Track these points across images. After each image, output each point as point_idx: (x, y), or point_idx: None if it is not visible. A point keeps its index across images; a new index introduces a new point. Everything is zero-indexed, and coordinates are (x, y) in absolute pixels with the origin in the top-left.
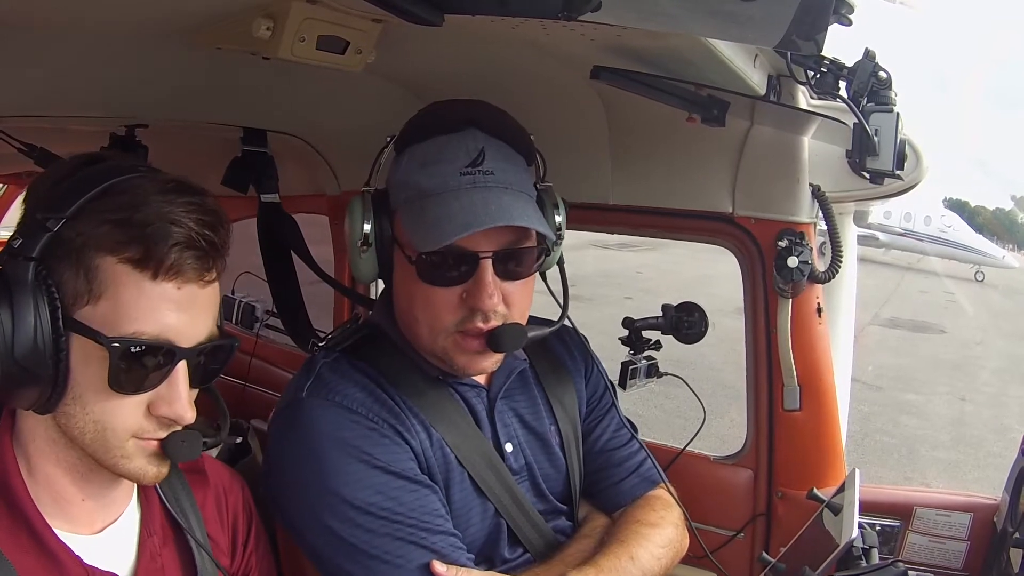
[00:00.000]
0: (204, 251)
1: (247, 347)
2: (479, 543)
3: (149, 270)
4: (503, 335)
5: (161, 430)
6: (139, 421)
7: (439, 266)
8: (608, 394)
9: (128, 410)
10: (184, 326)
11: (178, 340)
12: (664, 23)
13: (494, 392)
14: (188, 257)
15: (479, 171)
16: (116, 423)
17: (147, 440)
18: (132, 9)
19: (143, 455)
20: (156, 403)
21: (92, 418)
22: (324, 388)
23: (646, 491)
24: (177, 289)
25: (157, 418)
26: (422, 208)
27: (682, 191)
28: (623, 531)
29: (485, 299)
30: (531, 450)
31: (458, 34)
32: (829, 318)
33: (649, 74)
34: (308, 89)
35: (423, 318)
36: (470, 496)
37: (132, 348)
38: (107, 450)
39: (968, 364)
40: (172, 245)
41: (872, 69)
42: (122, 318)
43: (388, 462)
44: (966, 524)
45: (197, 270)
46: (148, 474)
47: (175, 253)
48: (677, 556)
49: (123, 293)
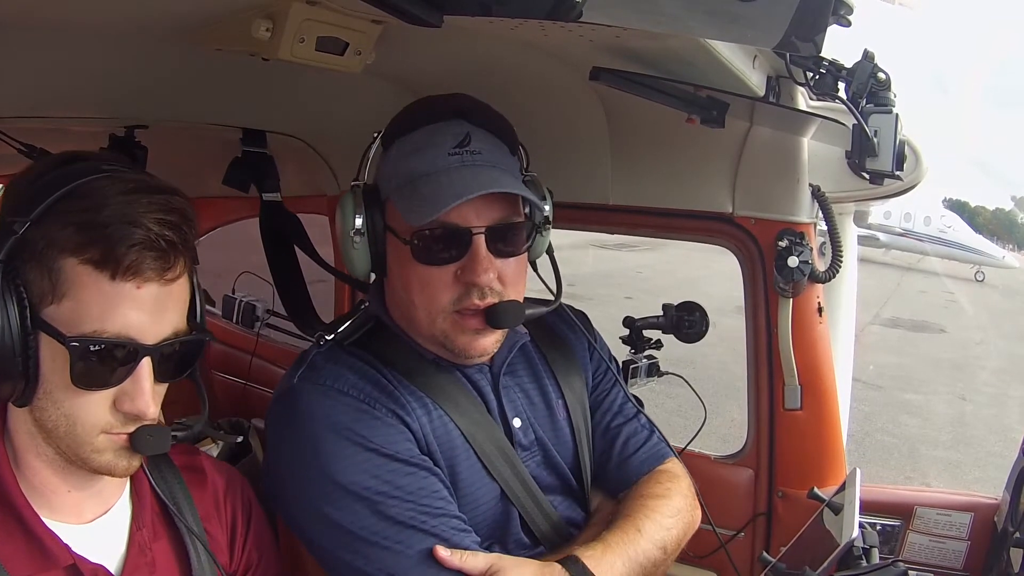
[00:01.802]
0: (163, 251)
1: (248, 346)
2: (488, 525)
3: (108, 271)
4: (501, 311)
5: (128, 425)
6: (106, 416)
7: (433, 245)
8: (611, 371)
9: (94, 406)
10: (146, 324)
11: (140, 337)
12: (663, 23)
13: (497, 367)
14: (147, 257)
15: (466, 151)
16: (84, 418)
17: (116, 435)
18: (132, 10)
19: (112, 449)
20: (120, 399)
21: (62, 412)
22: (316, 373)
23: (654, 466)
24: (137, 288)
25: (123, 413)
26: (413, 188)
27: (682, 191)
28: (629, 506)
29: (480, 273)
30: (540, 425)
31: (457, 35)
32: (830, 318)
33: (648, 75)
34: (307, 90)
35: (419, 301)
36: (478, 475)
37: (91, 347)
38: (78, 444)
39: (968, 364)
40: (130, 246)
41: (871, 70)
42: (83, 317)
43: (382, 444)
44: (967, 524)
45: (157, 270)
46: (118, 467)
47: (133, 254)
48: (689, 526)
49: (84, 293)
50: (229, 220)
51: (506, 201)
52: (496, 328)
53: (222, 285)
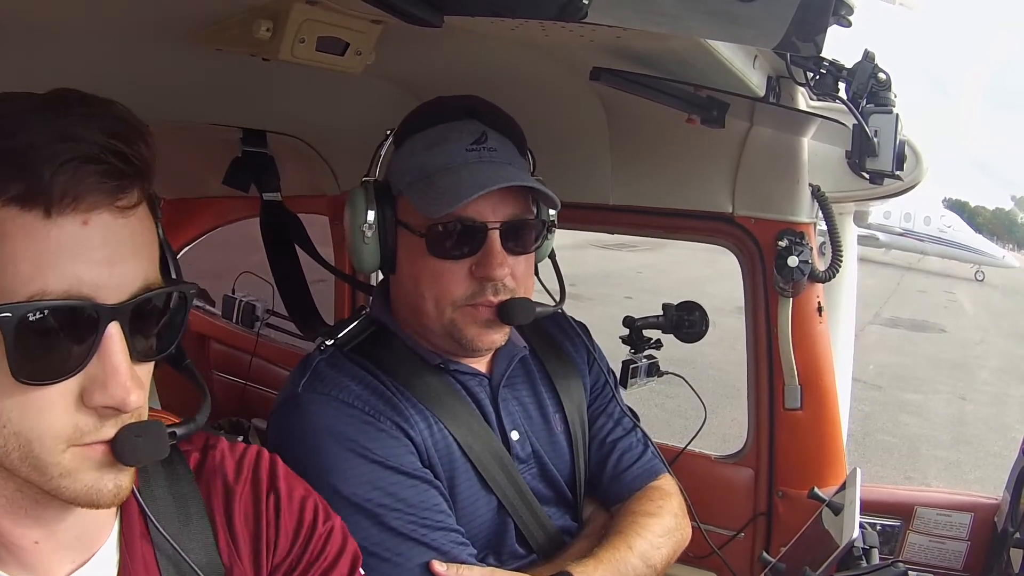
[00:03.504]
0: (112, 165)
1: (248, 346)
2: (484, 536)
3: (39, 206)
4: (513, 307)
5: (105, 427)
6: (71, 420)
7: (449, 239)
8: (609, 383)
9: (52, 408)
10: (104, 274)
11: (98, 295)
12: (663, 24)
13: (496, 380)
14: (88, 174)
15: (484, 148)
16: (41, 429)
17: (89, 445)
18: (132, 11)
19: (90, 468)
20: (88, 389)
21: (10, 429)
22: (320, 383)
23: (646, 483)
24: (84, 224)
25: (95, 410)
26: (429, 182)
27: (682, 191)
28: (621, 523)
29: (496, 268)
30: (537, 438)
31: (457, 35)
32: (830, 317)
33: (648, 75)
34: (308, 90)
35: (430, 293)
36: (476, 488)
37: (31, 316)
38: (41, 470)
39: (968, 363)
40: (62, 164)
41: (871, 70)
42: (14, 279)
43: (386, 456)
44: (967, 524)
45: (105, 191)
46: (104, 492)
47: (67, 172)
48: (679, 544)
49: (10, 245)
50: (229, 220)
51: (520, 199)
52: (508, 324)
53: (222, 285)
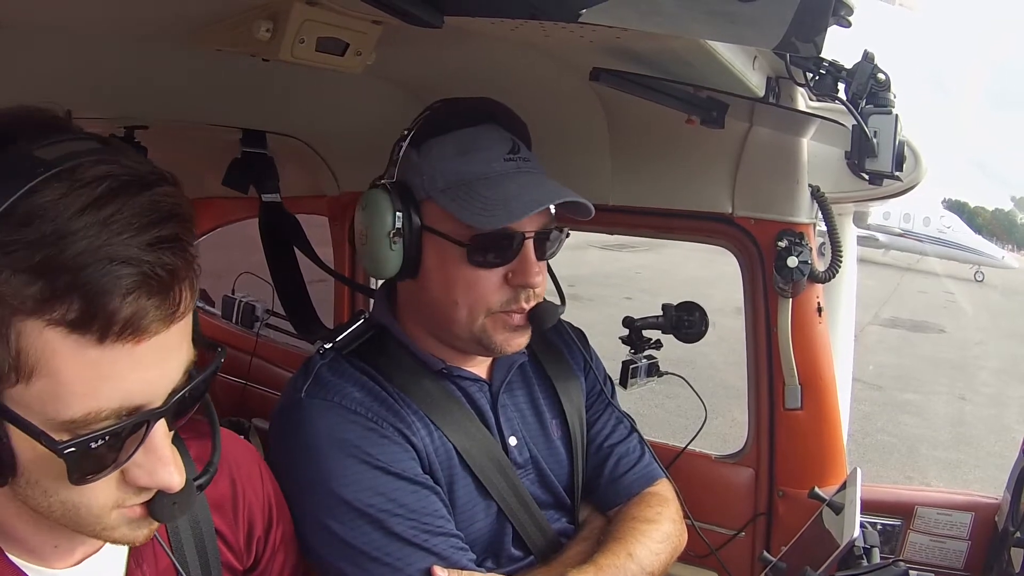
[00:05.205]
0: (166, 286)
1: (248, 346)
2: (483, 541)
3: (94, 334)
4: (543, 312)
5: (145, 495)
6: (116, 493)
7: (490, 248)
8: (606, 389)
9: (100, 490)
10: (153, 382)
11: (148, 401)
12: (663, 24)
13: (496, 386)
14: (148, 306)
15: (519, 158)
16: (90, 503)
17: (131, 507)
18: (132, 10)
19: (127, 523)
20: (132, 472)
21: (59, 499)
22: (323, 388)
23: (643, 488)
24: (137, 345)
25: (137, 487)
26: (470, 191)
27: (682, 192)
28: (620, 529)
29: (533, 276)
30: (535, 443)
31: (458, 36)
32: (829, 318)
33: (648, 76)
34: (308, 91)
35: (464, 300)
36: (474, 494)
37: (91, 445)
38: (83, 525)
39: (968, 364)
40: (124, 295)
41: (871, 71)
42: (67, 398)
43: (388, 462)
44: (967, 523)
45: (162, 318)
46: (137, 538)
47: (129, 305)
48: (676, 551)
49: (63, 367)
50: (229, 220)
51: (548, 209)
52: (537, 328)
53: (222, 285)
